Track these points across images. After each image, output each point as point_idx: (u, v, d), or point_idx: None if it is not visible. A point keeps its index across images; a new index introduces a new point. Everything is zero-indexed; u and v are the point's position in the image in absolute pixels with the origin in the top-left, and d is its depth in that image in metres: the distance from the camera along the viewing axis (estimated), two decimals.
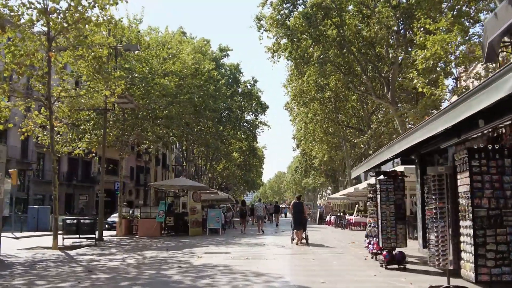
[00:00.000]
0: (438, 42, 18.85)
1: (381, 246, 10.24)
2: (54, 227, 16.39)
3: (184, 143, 39.82)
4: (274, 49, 31.84)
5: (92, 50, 16.57)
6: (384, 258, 9.95)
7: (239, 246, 15.93)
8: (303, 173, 67.38)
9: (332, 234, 23.01)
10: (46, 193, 43.71)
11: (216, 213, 22.46)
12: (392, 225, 10.07)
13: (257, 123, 49.51)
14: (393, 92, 28.76)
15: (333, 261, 11.38)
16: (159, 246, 16.05)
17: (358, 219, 26.23)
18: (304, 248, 14.86)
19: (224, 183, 65.68)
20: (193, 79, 31.25)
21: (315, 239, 18.94)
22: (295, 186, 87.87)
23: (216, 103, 37.01)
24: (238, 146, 52.37)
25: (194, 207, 21.91)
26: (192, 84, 30.03)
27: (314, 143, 46.34)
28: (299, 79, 34.98)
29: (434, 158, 13.24)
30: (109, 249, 15.47)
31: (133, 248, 15.71)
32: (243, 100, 46.73)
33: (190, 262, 11.43)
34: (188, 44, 35.07)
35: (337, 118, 40.32)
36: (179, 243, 17.32)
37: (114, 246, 16.61)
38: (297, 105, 40.10)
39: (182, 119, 27.89)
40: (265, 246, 15.79)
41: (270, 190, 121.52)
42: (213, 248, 15.05)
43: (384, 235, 10.12)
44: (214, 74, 39.06)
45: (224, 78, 43.99)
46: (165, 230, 22.57)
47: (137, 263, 11.52)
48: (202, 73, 35.22)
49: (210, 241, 17.99)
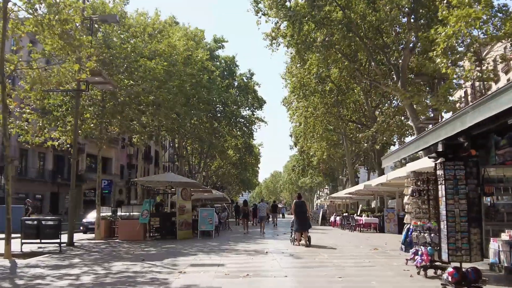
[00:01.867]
0: (462, 17, 15.70)
1: (448, 259, 6.79)
2: (6, 230, 12.86)
3: (176, 138, 36.20)
4: (273, 35, 28.46)
5: (60, 14, 13.12)
6: (452, 277, 6.56)
7: (236, 254, 12.47)
8: (301, 172, 63.89)
9: (343, 237, 19.58)
10: (29, 192, 40.02)
11: (208, 213, 18.96)
12: (464, 229, 6.64)
13: (254, 119, 45.98)
14: (404, 79, 25.61)
15: (370, 280, 7.93)
16: (136, 255, 12.54)
17: (368, 220, 22.83)
18: (319, 258, 11.41)
19: (219, 182, 62.11)
20: (184, 66, 27.79)
21: (327, 243, 15.52)
22: (292, 186, 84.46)
23: (210, 95, 33.53)
24: (233, 143, 48.87)
25: (183, 206, 18.42)
26: (183, 72, 26.56)
27: (313, 140, 42.92)
28: (301, 68, 31.59)
29: (490, 140, 9.89)
30: (71, 259, 11.97)
31: (103, 257, 12.20)
32: (239, 94, 43.21)
33: (166, 282, 7.95)
34: (179, 29, 31.60)
35: (339, 112, 36.97)
36: (162, 250, 13.83)
37: (81, 254, 13.10)
38: (297, 98, 36.69)
39: (172, 108, 24.40)
40: (268, 254, 12.32)
41: (266, 190, 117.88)
42: (202, 258, 11.58)
43: (452, 244, 6.68)
44: (208, 64, 35.62)
45: (219, 70, 40.48)
46: (149, 233, 19.08)
47: (93, 283, 8.04)
48: (195, 62, 31.76)
49: (200, 247, 14.53)
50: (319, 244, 15.98)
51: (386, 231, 22.10)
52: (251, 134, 46.01)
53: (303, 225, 14.58)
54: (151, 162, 55.37)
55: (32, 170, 40.52)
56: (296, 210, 14.76)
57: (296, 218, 14.68)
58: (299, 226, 14.57)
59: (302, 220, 14.58)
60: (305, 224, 14.65)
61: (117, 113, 19.14)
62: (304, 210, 14.90)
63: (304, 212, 14.77)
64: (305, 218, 14.74)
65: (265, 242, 16.98)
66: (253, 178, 72.55)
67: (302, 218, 14.58)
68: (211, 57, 39.84)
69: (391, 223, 22.30)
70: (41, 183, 41.14)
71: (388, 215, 22.39)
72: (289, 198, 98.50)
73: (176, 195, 18.48)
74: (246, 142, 48.91)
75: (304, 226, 14.58)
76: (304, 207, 15.00)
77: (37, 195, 40.56)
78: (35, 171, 40.91)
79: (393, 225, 22.25)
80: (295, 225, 14.72)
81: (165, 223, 18.75)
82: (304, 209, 14.88)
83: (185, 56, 29.22)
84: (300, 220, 14.57)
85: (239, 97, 43.57)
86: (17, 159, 38.66)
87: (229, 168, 56.14)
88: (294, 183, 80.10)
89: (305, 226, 14.61)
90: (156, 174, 26.39)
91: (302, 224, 14.57)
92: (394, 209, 23.10)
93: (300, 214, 14.59)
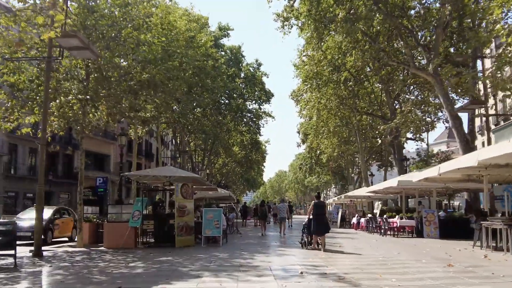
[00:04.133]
0: None
1: None
2: None
3: (177, 131, 32.11)
4: (284, 15, 24.56)
5: None
6: None
7: (258, 275, 8.37)
8: (308, 170, 59.87)
9: (382, 244, 15.53)
10: (20, 190, 36.11)
11: (215, 214, 14.92)
12: None
13: (261, 113, 41.93)
14: (436, 61, 21.78)
15: None
16: (114, 277, 8.50)
17: (403, 223, 18.78)
18: (386, 284, 7.38)
19: (223, 181, 58.07)
20: (186, 49, 23.86)
21: (369, 253, 11.54)
22: (297, 185, 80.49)
23: (215, 83, 29.53)
24: (239, 139, 44.89)
25: (183, 206, 14.42)
26: (184, 53, 22.63)
27: (324, 135, 38.92)
28: (317, 51, 27.60)
29: None
30: (21, 280, 8.03)
31: (66, 280, 8.22)
32: (246, 86, 39.17)
33: None
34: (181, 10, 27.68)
35: (355, 104, 32.95)
36: (153, 266, 9.82)
37: (37, 273, 9.11)
38: (309, 87, 32.67)
39: (171, 93, 20.46)
40: (305, 276, 8.29)
41: (270, 189, 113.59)
42: (209, 283, 7.61)
43: None
44: (212, 52, 31.68)
45: (224, 59, 36.47)
46: (142, 239, 15.12)
47: None
48: (198, 46, 27.84)
49: (205, 261, 10.54)
50: (357, 252, 12.08)
51: (426, 235, 18.10)
52: (258, 128, 41.93)
53: (323, 228, 13.13)
54: (152, 159, 51.42)
55: (23, 167, 36.60)
56: (316, 212, 13.21)
57: (315, 220, 13.13)
58: (318, 228, 13.06)
59: (321, 222, 13.13)
60: (325, 227, 13.23)
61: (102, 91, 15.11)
62: (324, 212, 13.57)
63: (323, 214, 13.43)
64: (324, 220, 13.37)
65: (287, 251, 12.98)
66: (258, 177, 68.53)
67: (321, 220, 13.15)
68: (215, 45, 35.93)
69: (431, 226, 18.28)
70: (33, 181, 37.08)
71: (428, 217, 18.37)
72: (294, 198, 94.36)
73: (175, 193, 14.48)
74: (252, 138, 44.86)
75: (324, 229, 13.15)
76: (324, 209, 13.72)
77: (27, 194, 36.54)
78: (25, 167, 36.97)
79: (433, 228, 18.24)
80: (313, 227, 13.15)
81: (161, 227, 14.76)
82: (324, 211, 13.53)
83: (186, 37, 25.31)
84: (319, 222, 13.08)
85: (246, 89, 39.58)
86: (6, 154, 34.77)
87: (234, 166, 52.13)
88: (300, 182, 76.15)
89: (325, 230, 13.20)
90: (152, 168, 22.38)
91: (321, 226, 13.09)
92: (434, 210, 19.10)
93: (320, 217, 13.16)
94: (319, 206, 13.34)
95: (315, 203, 13.54)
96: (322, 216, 13.26)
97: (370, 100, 34.03)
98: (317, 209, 13.25)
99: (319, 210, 13.25)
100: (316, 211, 13.19)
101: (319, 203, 13.55)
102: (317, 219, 13.06)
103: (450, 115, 21.30)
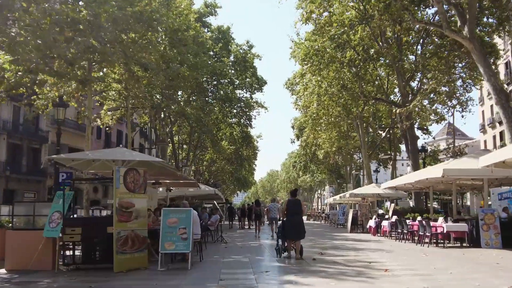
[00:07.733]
0: None
1: None
2: None
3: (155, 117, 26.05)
4: None
5: None
6: None
7: None
8: (302, 168, 54.23)
9: (435, 261, 9.81)
10: None
11: (181, 218, 9.01)
12: None
13: (253, 103, 36.07)
14: (472, 24, 16.81)
15: None
16: None
17: (451, 228, 13.05)
18: None
19: (212, 179, 52.08)
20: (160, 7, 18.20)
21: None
22: (290, 185, 74.84)
23: (197, 58, 23.74)
24: (228, 132, 39.06)
25: (128, 204, 8.59)
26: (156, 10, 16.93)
27: (323, 126, 33.26)
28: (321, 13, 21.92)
29: None
30: None
31: None
32: (236, 70, 33.31)
33: None
34: None
35: (361, 87, 27.35)
36: None
37: None
38: (309, 68, 26.98)
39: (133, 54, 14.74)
40: None
41: (262, 189, 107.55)
42: None
43: None
44: (196, 25, 25.97)
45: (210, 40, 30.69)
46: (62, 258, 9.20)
47: None
48: (176, 12, 22.17)
49: None
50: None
51: (484, 244, 12.49)
52: (249, 120, 36.07)
53: (298, 232, 10.51)
54: None
55: None
56: (288, 211, 10.60)
57: (289, 221, 10.52)
58: (292, 232, 10.50)
59: (297, 225, 10.52)
60: (300, 231, 10.55)
61: None
62: (299, 211, 10.78)
63: (299, 214, 10.78)
64: (300, 222, 10.70)
65: (300, 282, 7.25)
66: (249, 176, 62.65)
67: (296, 222, 10.57)
68: (201, 24, 30.20)
69: (490, 232, 12.66)
70: None
71: (485, 218, 12.74)
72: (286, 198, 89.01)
73: (114, 182, 8.58)
74: (243, 131, 39.02)
75: (299, 233, 10.53)
76: (300, 207, 10.80)
77: None
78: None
79: (493, 234, 12.63)
80: (288, 230, 10.52)
81: (93, 238, 8.87)
82: (299, 210, 10.75)
83: (160, 1, 19.70)
84: (294, 224, 10.48)
85: (236, 75, 33.78)
86: None
87: (223, 163, 46.19)
88: (293, 182, 70.47)
89: (300, 233, 10.55)
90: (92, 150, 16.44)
91: (296, 229, 10.47)
92: (494, 209, 13.51)
93: (294, 216, 10.58)
94: (294, 204, 10.69)
95: (289, 200, 10.98)
96: (298, 216, 10.74)
97: (379, 84, 28.54)
98: (291, 207, 10.61)
99: (294, 208, 10.61)
100: (289, 210, 10.58)
101: (294, 201, 10.84)
102: (292, 221, 10.48)
103: (494, 89, 16.20)
